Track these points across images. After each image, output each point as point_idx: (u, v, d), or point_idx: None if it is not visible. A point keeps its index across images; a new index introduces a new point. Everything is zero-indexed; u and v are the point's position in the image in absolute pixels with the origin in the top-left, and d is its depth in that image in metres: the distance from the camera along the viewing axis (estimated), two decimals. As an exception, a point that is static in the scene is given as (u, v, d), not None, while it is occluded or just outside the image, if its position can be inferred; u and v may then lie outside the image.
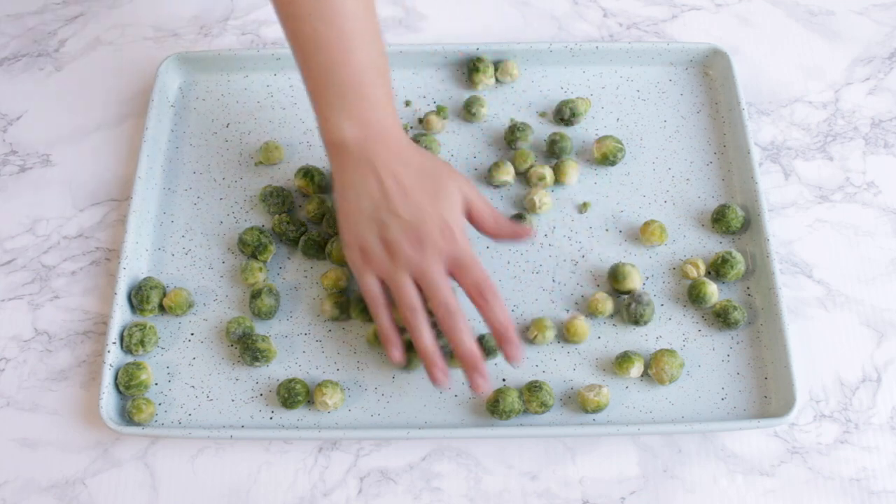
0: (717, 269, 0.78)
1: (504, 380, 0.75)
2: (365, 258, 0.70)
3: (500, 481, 0.73)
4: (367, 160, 0.70)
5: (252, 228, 0.80)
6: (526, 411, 0.73)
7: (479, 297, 0.69)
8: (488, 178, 0.84)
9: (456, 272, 0.69)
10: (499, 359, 0.76)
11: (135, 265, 0.79)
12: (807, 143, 0.87)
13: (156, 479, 0.73)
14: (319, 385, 0.74)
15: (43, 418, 0.75)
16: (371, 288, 0.71)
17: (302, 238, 0.80)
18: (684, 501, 0.72)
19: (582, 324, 0.76)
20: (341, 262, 0.79)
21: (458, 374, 0.75)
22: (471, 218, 0.72)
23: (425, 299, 0.70)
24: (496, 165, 0.83)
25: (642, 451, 0.74)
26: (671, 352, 0.74)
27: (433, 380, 0.70)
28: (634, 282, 0.77)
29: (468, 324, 0.69)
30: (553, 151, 0.84)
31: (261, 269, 0.79)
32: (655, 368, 0.74)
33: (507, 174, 0.83)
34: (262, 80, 0.90)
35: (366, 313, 0.76)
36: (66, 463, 0.74)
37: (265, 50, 0.89)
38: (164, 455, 0.74)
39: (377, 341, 0.75)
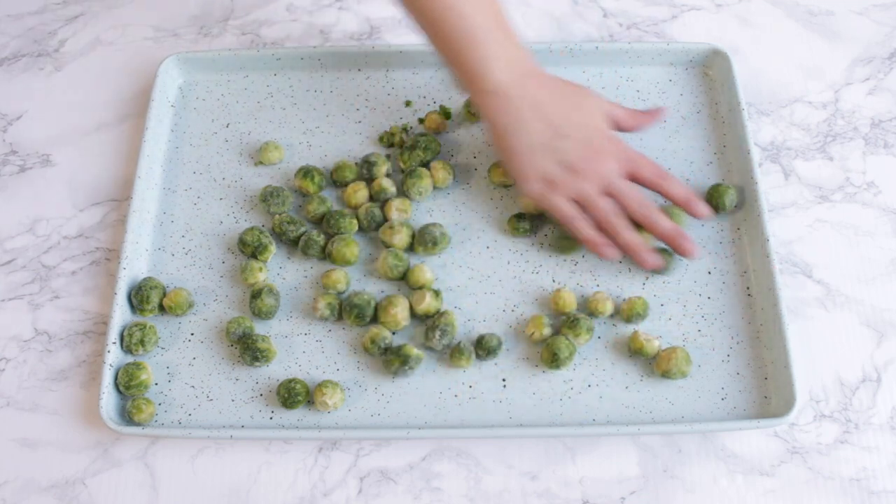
0: (712, 198, 0.81)
1: (504, 380, 0.75)
2: (551, 185, 0.76)
3: (500, 481, 0.73)
4: (524, 97, 0.75)
5: (252, 228, 0.80)
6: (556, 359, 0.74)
7: (660, 181, 0.77)
8: (488, 178, 0.84)
9: (634, 170, 0.77)
10: (499, 359, 0.76)
11: (135, 265, 0.79)
12: (807, 144, 0.87)
13: (156, 479, 0.73)
14: (319, 385, 0.74)
15: (43, 418, 0.75)
16: (566, 209, 0.76)
17: (302, 238, 0.80)
18: (684, 501, 0.72)
19: (568, 293, 0.77)
20: (343, 262, 0.79)
21: (455, 377, 0.76)
22: (614, 125, 0.79)
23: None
24: (496, 165, 0.83)
25: (642, 451, 0.74)
26: (680, 348, 0.74)
27: (643, 262, 0.77)
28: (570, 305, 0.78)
29: (659, 213, 0.77)
30: None
31: (261, 269, 0.79)
32: (665, 365, 0.74)
33: (507, 174, 0.83)
34: (262, 80, 0.90)
35: (360, 318, 0.76)
36: (66, 463, 0.74)
37: (265, 50, 0.89)
38: (164, 455, 0.74)
39: (373, 346, 0.75)
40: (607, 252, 0.77)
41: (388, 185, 0.82)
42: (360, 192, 0.82)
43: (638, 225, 0.77)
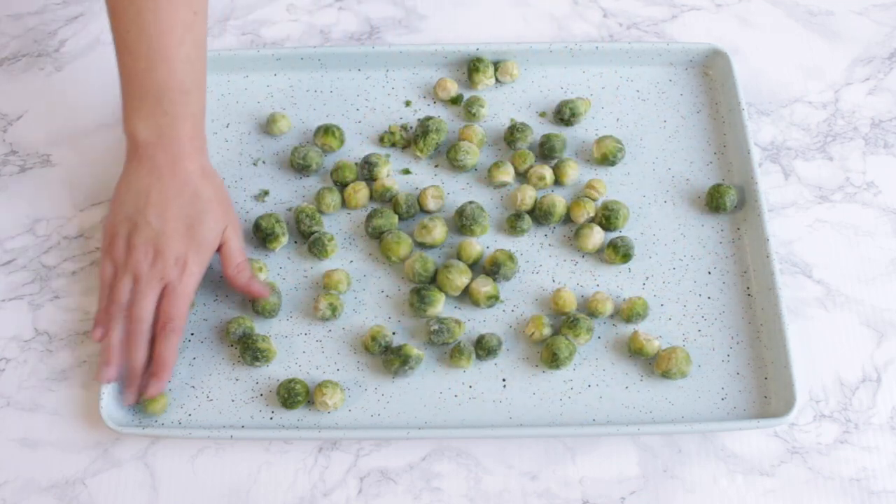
0: (713, 198, 0.81)
1: (504, 380, 0.75)
2: (110, 243, 0.75)
3: (500, 481, 0.73)
4: (148, 166, 0.74)
5: (270, 215, 0.80)
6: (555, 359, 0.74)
7: (163, 326, 0.73)
8: (488, 178, 0.84)
9: (163, 298, 0.73)
10: (499, 359, 0.76)
11: (135, 265, 0.79)
12: (807, 144, 0.87)
13: (156, 479, 0.73)
14: (319, 385, 0.74)
15: (43, 418, 0.75)
16: (105, 270, 0.75)
17: (314, 235, 0.80)
18: (684, 501, 0.72)
19: (568, 293, 0.77)
20: (395, 258, 0.79)
21: (455, 377, 0.76)
22: (220, 255, 0.76)
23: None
24: (496, 165, 0.83)
25: (642, 451, 0.74)
26: (680, 348, 0.74)
27: (98, 374, 0.73)
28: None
29: (146, 341, 0.73)
30: (543, 153, 0.85)
31: (261, 268, 0.79)
32: (665, 365, 0.74)
33: (507, 174, 0.83)
34: (262, 80, 0.90)
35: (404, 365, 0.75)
36: (66, 463, 0.74)
37: (265, 50, 0.89)
38: (164, 455, 0.74)
39: (374, 344, 0.75)
40: (94, 335, 0.74)
41: (392, 185, 0.82)
42: (360, 193, 0.82)
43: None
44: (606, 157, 0.84)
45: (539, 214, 0.81)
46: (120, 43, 0.73)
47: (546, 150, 0.84)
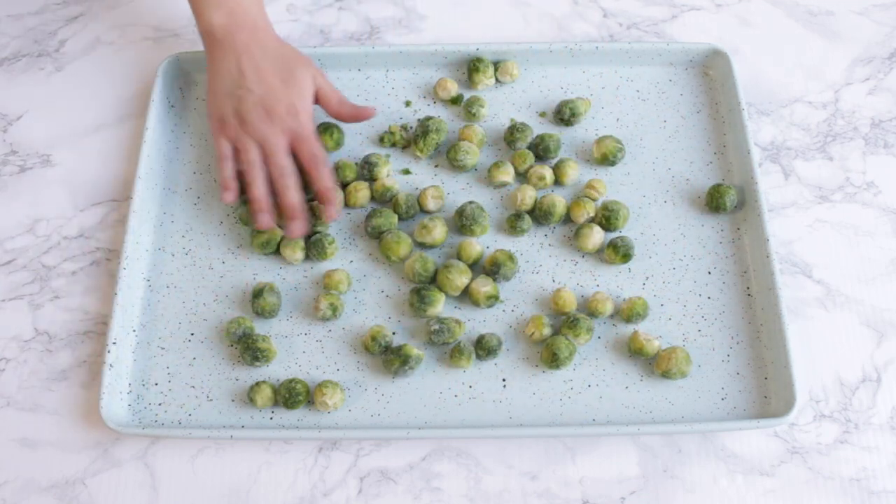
0: (713, 198, 0.81)
1: (504, 380, 0.75)
2: (220, 126, 0.80)
3: (500, 481, 0.73)
4: (230, 45, 0.80)
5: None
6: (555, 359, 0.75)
7: (311, 167, 0.79)
8: (488, 178, 0.84)
9: (296, 145, 0.79)
10: (499, 359, 0.76)
11: (135, 265, 0.79)
12: (807, 143, 0.87)
13: (156, 479, 0.73)
14: (319, 385, 0.74)
15: (43, 418, 0.75)
16: (223, 148, 0.80)
17: (315, 235, 0.80)
18: (684, 501, 0.72)
19: (568, 293, 0.77)
20: (395, 257, 0.79)
21: (455, 377, 0.76)
22: (318, 100, 0.82)
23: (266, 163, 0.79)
24: (496, 165, 0.83)
25: (642, 451, 0.74)
26: (680, 348, 0.74)
27: (257, 222, 0.79)
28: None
29: (297, 183, 0.79)
30: (538, 154, 0.85)
31: (302, 247, 0.80)
32: (665, 365, 0.74)
33: (507, 174, 0.83)
34: (262, 80, 0.90)
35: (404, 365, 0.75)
36: (66, 463, 0.74)
37: (265, 50, 0.89)
38: (164, 455, 0.74)
39: (374, 344, 0.75)
40: (226, 196, 0.80)
41: (392, 184, 0.83)
42: (361, 192, 0.82)
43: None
44: (606, 157, 0.84)
45: (539, 214, 0.81)
46: None
47: (541, 151, 0.84)
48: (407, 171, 0.85)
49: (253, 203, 0.79)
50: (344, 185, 0.84)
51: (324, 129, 0.85)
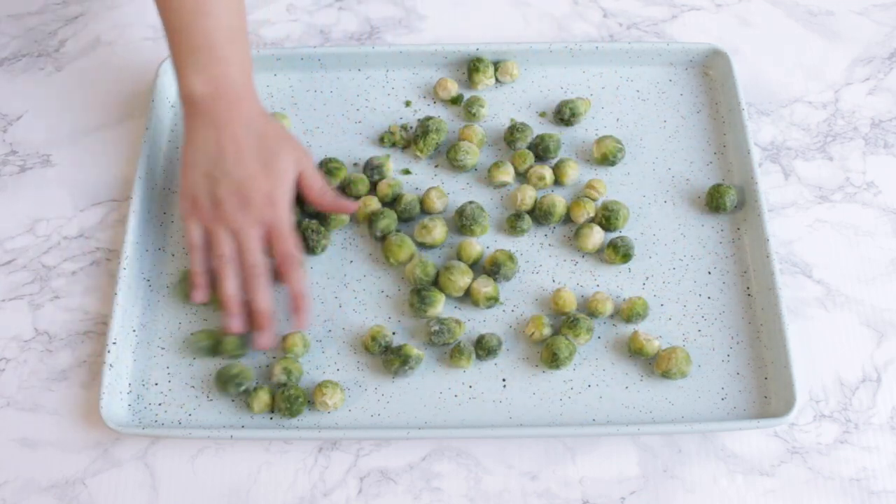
0: (713, 198, 0.81)
1: (504, 380, 0.75)
2: (192, 207, 0.76)
3: (500, 481, 0.73)
4: (211, 119, 0.74)
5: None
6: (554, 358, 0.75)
7: (284, 265, 0.75)
8: (488, 178, 0.84)
9: (271, 240, 0.75)
10: (499, 359, 0.76)
11: (135, 265, 0.79)
12: (807, 144, 0.87)
13: (156, 479, 0.73)
14: (319, 385, 0.74)
15: (43, 418, 0.75)
16: (193, 234, 0.76)
17: (321, 244, 0.80)
18: (684, 501, 0.72)
19: (568, 293, 0.77)
20: (395, 260, 0.79)
21: (455, 377, 0.76)
22: (300, 187, 0.77)
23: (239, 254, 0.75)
24: (496, 166, 0.83)
25: (642, 451, 0.74)
26: (680, 348, 0.74)
27: (225, 324, 0.75)
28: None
29: (269, 285, 0.75)
30: (538, 154, 0.85)
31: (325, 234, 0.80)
32: (665, 365, 0.74)
33: (507, 174, 0.83)
34: (261, 80, 0.90)
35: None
36: (66, 463, 0.74)
37: (265, 50, 0.89)
38: (164, 455, 0.74)
39: (374, 344, 0.75)
40: (196, 294, 0.76)
41: (395, 183, 0.82)
42: (370, 207, 0.82)
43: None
44: (606, 157, 0.84)
45: (539, 214, 0.81)
46: (162, 4, 0.74)
47: (541, 151, 0.84)
48: (407, 171, 0.85)
49: (224, 303, 0.75)
50: (356, 199, 0.83)
51: (322, 165, 0.83)
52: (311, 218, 0.81)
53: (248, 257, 0.74)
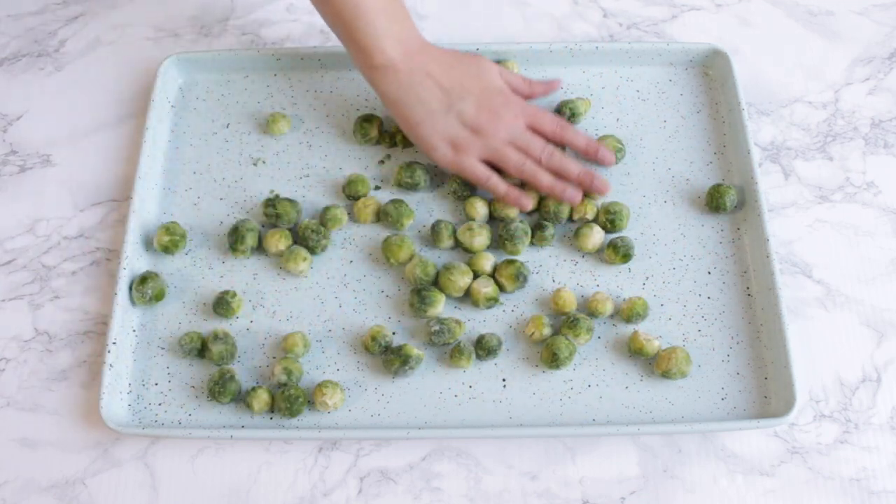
0: (713, 198, 0.81)
1: (504, 380, 0.75)
2: (459, 149, 0.79)
3: (500, 481, 0.73)
4: (413, 70, 0.78)
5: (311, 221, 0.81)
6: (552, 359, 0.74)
7: (561, 133, 0.81)
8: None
9: (534, 123, 0.80)
10: (499, 359, 0.76)
11: (135, 265, 0.79)
12: (807, 144, 0.87)
13: (156, 479, 0.73)
14: (319, 385, 0.74)
15: (43, 418, 0.75)
16: (479, 170, 0.79)
17: (321, 244, 0.80)
18: (684, 501, 0.72)
19: (568, 293, 0.77)
20: (395, 260, 0.79)
21: (455, 377, 0.76)
22: (511, 89, 0.82)
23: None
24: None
25: (642, 451, 0.74)
26: (680, 348, 0.74)
27: (568, 199, 0.79)
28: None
29: (565, 155, 0.80)
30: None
31: (305, 258, 0.79)
32: (665, 365, 0.74)
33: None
34: (262, 80, 0.90)
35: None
36: (66, 463, 0.74)
37: (265, 50, 0.89)
38: (164, 455, 0.74)
39: (374, 344, 0.75)
40: (524, 202, 0.80)
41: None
42: (370, 207, 0.82)
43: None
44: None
45: (547, 216, 0.81)
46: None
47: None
48: (413, 171, 0.83)
49: (552, 192, 0.79)
50: (356, 199, 0.83)
51: (364, 119, 0.85)
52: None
53: (536, 149, 0.79)
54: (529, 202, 0.80)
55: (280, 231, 0.80)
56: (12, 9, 0.96)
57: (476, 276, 0.78)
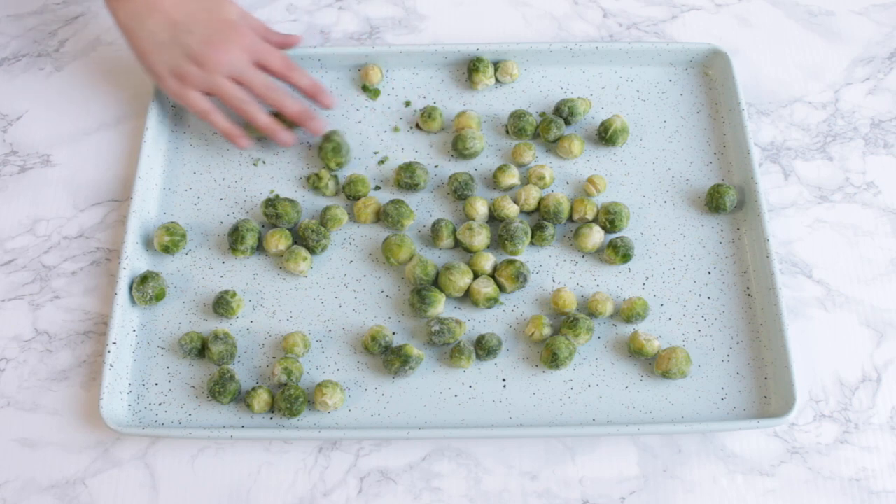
0: (713, 198, 0.81)
1: (504, 380, 0.75)
2: (182, 80, 0.80)
3: (500, 481, 0.73)
4: (144, 3, 0.79)
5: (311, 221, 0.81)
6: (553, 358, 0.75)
7: (286, 73, 0.82)
8: (495, 183, 0.84)
9: (260, 60, 0.81)
10: (499, 359, 0.76)
11: (135, 265, 0.79)
12: (806, 144, 0.87)
13: (156, 479, 0.73)
14: (319, 385, 0.74)
15: (43, 418, 0.75)
16: (199, 102, 0.81)
17: (321, 244, 0.80)
18: (684, 501, 0.72)
19: (568, 293, 0.77)
20: (395, 260, 0.79)
21: (455, 377, 0.76)
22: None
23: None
24: (500, 170, 0.83)
25: (642, 451, 0.74)
26: (680, 348, 0.74)
27: (280, 141, 0.82)
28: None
29: (287, 91, 0.82)
30: (545, 132, 0.85)
31: (305, 258, 0.79)
32: (665, 365, 0.74)
33: (513, 177, 0.83)
34: (262, 80, 0.90)
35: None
36: (66, 463, 0.74)
37: (265, 50, 0.89)
38: (164, 455, 0.74)
39: (374, 344, 0.75)
40: (241, 142, 0.82)
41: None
42: (370, 207, 0.82)
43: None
44: (608, 130, 0.84)
45: (546, 215, 0.81)
46: None
47: (541, 130, 0.85)
48: (413, 171, 0.84)
49: (268, 131, 0.81)
50: (356, 199, 0.83)
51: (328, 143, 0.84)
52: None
53: (256, 82, 0.80)
54: (246, 143, 0.82)
55: (280, 231, 0.80)
56: (12, 9, 0.96)
57: (476, 276, 0.79)
